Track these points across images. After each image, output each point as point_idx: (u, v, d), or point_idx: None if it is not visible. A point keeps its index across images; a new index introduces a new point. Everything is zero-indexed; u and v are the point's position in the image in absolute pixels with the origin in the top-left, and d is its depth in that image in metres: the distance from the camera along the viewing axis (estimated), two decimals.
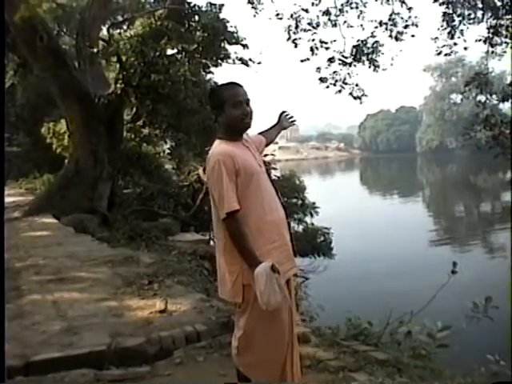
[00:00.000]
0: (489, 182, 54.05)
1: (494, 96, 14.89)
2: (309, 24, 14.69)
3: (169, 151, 18.94)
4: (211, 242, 12.77)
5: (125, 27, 17.15)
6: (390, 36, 14.45)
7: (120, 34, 15.11)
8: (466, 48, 14.62)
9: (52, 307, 5.44)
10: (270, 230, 3.00)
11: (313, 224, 16.62)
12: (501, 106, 18.68)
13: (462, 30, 14.10)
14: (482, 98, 14.90)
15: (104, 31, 16.44)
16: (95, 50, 14.07)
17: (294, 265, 3.16)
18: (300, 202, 16.73)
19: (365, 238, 21.42)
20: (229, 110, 3.02)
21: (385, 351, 4.06)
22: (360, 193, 46.45)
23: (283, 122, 3.69)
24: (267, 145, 3.56)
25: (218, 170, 2.89)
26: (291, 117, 3.73)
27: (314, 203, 17.02)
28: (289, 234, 3.19)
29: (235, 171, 2.91)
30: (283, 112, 3.72)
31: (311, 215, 16.74)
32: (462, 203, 39.34)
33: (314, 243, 15.70)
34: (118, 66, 13.96)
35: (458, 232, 27.50)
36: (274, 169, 16.31)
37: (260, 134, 3.58)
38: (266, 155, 13.18)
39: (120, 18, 18.48)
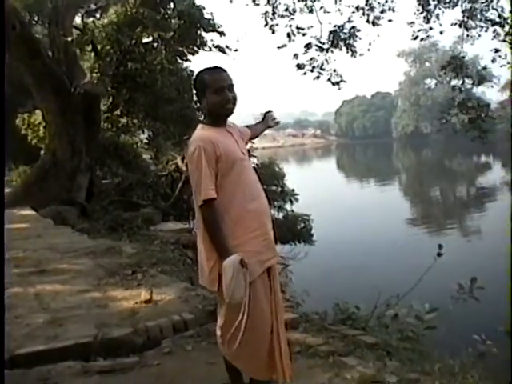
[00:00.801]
0: (464, 166, 54.66)
1: (468, 80, 14.94)
2: (285, 10, 14.54)
3: (146, 141, 18.81)
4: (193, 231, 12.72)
5: (98, 15, 16.92)
6: (367, 21, 14.37)
7: (94, 22, 14.90)
8: (441, 32, 14.65)
9: (34, 299, 5.39)
10: (251, 219, 2.97)
11: (293, 211, 16.68)
12: (474, 89, 18.80)
13: (437, 14, 14.12)
14: (457, 82, 14.94)
15: (77, 19, 16.21)
16: (69, 39, 13.86)
17: (274, 254, 3.13)
18: (279, 189, 16.76)
19: (344, 224, 21.56)
20: (210, 96, 2.97)
21: (373, 335, 4.07)
22: (337, 179, 46.65)
23: (268, 120, 3.69)
24: (251, 139, 3.59)
25: (198, 156, 2.85)
26: (275, 118, 3.74)
27: (293, 190, 17.06)
28: (271, 222, 3.17)
29: (216, 157, 2.87)
30: (269, 111, 3.73)
31: (291, 202, 16.79)
32: (437, 187, 39.72)
33: (294, 230, 15.77)
34: (92, 54, 13.77)
35: (435, 216, 27.77)
36: (254, 156, 16.27)
37: (249, 127, 3.56)
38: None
39: (93, 6, 18.18)
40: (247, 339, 2.94)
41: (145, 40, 14.33)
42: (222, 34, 15.43)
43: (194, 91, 3.13)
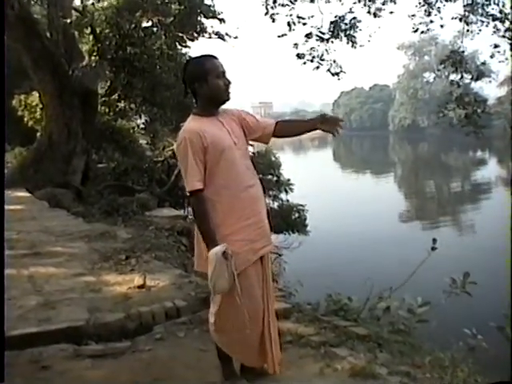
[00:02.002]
0: (459, 161, 54.73)
1: (467, 75, 14.95)
2: None
3: (143, 126, 18.76)
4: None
5: None
6: (369, 12, 14.38)
7: (93, 4, 14.81)
8: (442, 26, 14.67)
9: (28, 282, 5.39)
10: (243, 207, 2.99)
11: (288, 201, 16.67)
12: (472, 85, 18.85)
13: (438, 8, 14.14)
14: (455, 76, 14.95)
15: (77, 1, 16.09)
16: (68, 21, 13.75)
17: (268, 242, 3.14)
18: (275, 178, 16.74)
19: (338, 215, 21.59)
20: (213, 81, 2.97)
21: (365, 327, 4.09)
22: (333, 170, 46.66)
23: (321, 122, 3.19)
24: (282, 136, 3.32)
25: (184, 148, 2.89)
26: (338, 122, 3.22)
27: (288, 180, 17.04)
28: (265, 210, 3.18)
29: (203, 148, 2.88)
30: (327, 115, 3.25)
31: (286, 192, 16.77)
32: (433, 181, 39.78)
33: (288, 220, 15.75)
34: (91, 37, 13.70)
35: (429, 210, 27.84)
36: (250, 145, 16.24)
37: (283, 121, 3.31)
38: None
39: None
40: (240, 326, 2.95)
41: (144, 24, 14.28)
42: (222, 20, 15.39)
43: (190, 78, 3.03)
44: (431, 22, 14.40)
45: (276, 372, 3.15)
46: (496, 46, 13.71)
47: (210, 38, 15.63)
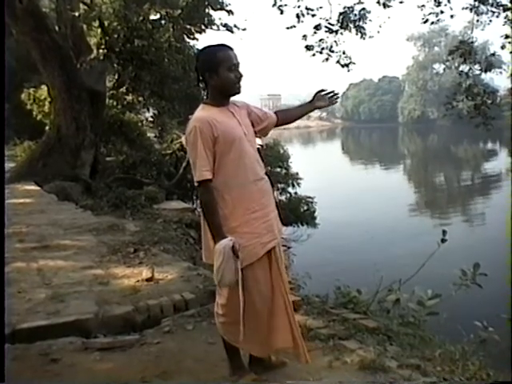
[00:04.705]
0: (469, 153, 54.41)
1: (476, 66, 14.80)
2: None
3: (151, 119, 18.77)
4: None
5: None
6: (378, 2, 14.22)
7: None
8: (452, 16, 14.49)
9: (37, 275, 5.40)
10: (251, 200, 2.95)
11: (296, 193, 16.64)
12: (483, 76, 18.65)
13: None
14: (464, 67, 14.81)
15: None
16: (76, 14, 13.75)
17: (275, 236, 3.05)
18: (284, 171, 16.71)
19: (348, 208, 21.51)
20: (224, 73, 2.92)
21: (374, 319, 4.07)
22: (342, 162, 46.51)
23: (316, 100, 3.37)
24: (281, 124, 3.34)
25: (194, 136, 2.84)
26: (333, 95, 3.42)
27: (297, 173, 17.01)
28: (273, 204, 3.14)
29: (213, 138, 2.84)
30: (321, 90, 3.40)
31: (293, 185, 16.74)
32: (442, 173, 39.56)
33: (297, 212, 15.72)
34: (99, 30, 13.69)
35: (439, 201, 27.70)
36: (258, 137, 16.21)
37: (279, 111, 3.39)
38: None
39: None
40: (246, 319, 2.93)
41: (152, 17, 14.27)
42: (230, 12, 15.35)
43: (201, 67, 2.98)
44: (441, 12, 14.20)
45: (308, 361, 3.10)
46: (507, 37, 13.53)
47: (218, 30, 15.62)
